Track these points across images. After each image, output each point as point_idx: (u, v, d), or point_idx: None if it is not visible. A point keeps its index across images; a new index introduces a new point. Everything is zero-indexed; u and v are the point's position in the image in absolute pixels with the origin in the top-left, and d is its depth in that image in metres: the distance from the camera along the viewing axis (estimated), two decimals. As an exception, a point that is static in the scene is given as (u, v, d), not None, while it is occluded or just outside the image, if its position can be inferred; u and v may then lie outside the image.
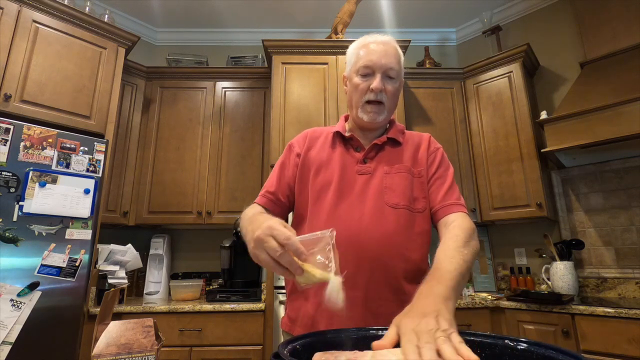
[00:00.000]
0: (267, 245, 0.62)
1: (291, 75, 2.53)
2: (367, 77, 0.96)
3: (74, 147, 1.92)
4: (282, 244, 0.61)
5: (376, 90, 0.94)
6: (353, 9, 2.69)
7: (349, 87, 1.02)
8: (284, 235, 0.62)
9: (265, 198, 1.02)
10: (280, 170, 1.05)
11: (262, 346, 2.07)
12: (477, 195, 2.60)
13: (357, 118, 1.00)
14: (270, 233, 0.63)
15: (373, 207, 0.90)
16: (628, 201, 2.27)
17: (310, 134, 1.08)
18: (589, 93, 2.16)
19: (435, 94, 2.79)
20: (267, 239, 0.63)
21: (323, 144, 1.03)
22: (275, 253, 0.61)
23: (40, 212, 1.75)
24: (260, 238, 0.64)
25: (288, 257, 0.61)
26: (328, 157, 1.00)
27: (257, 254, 0.66)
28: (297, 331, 0.91)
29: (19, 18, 1.99)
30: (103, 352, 0.68)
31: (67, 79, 2.12)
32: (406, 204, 0.92)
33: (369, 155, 0.98)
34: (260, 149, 2.70)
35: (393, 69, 0.96)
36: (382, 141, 0.98)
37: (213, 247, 2.77)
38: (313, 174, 0.99)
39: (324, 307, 0.85)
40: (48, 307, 1.71)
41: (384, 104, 0.96)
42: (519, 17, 2.97)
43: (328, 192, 0.94)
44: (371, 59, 0.95)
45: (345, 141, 1.02)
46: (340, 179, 0.95)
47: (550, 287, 2.29)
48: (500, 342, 0.51)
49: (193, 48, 3.23)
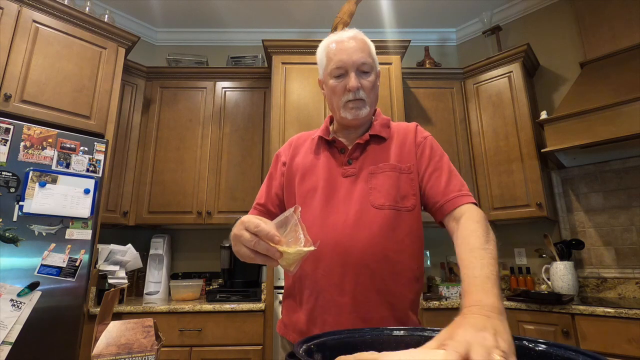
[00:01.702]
0: (243, 239, 0.66)
1: (291, 75, 2.53)
2: (341, 78, 0.94)
3: (74, 147, 1.92)
4: (254, 232, 0.64)
5: (353, 89, 0.92)
6: (353, 9, 2.69)
7: (327, 91, 1.00)
8: (254, 224, 0.65)
9: (256, 210, 1.03)
10: (268, 181, 1.07)
11: (262, 346, 2.07)
12: (477, 195, 2.60)
13: (340, 119, 0.98)
14: (243, 227, 0.66)
15: (358, 210, 0.88)
16: (628, 201, 2.27)
17: (295, 141, 1.08)
18: (589, 93, 2.16)
19: (435, 94, 2.79)
20: (241, 233, 0.66)
21: (308, 149, 1.03)
22: (251, 243, 0.64)
23: (40, 212, 1.75)
24: (235, 234, 0.68)
25: (263, 245, 0.64)
26: (312, 163, 0.99)
27: (237, 250, 0.70)
28: (291, 336, 0.91)
29: (19, 18, 1.99)
30: (103, 352, 0.68)
31: (67, 79, 2.12)
32: (392, 203, 0.88)
33: (353, 156, 0.96)
34: (260, 149, 2.70)
35: (365, 63, 0.93)
36: (364, 140, 0.96)
37: (213, 247, 2.77)
38: (298, 180, 0.98)
39: (316, 315, 0.86)
40: (48, 307, 1.71)
41: (364, 99, 0.94)
42: (519, 17, 2.97)
43: (314, 198, 0.93)
44: (341, 59, 0.93)
45: (329, 144, 1.00)
46: (326, 183, 0.93)
47: (550, 287, 2.29)
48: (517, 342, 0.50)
49: (193, 48, 3.23)
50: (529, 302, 2.01)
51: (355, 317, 0.83)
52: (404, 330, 0.60)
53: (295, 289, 0.93)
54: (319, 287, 0.86)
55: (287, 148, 1.07)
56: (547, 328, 1.92)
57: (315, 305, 0.86)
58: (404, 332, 0.60)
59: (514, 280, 2.52)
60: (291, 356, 0.44)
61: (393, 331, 0.60)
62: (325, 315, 0.85)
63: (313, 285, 0.87)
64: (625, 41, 2.25)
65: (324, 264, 0.86)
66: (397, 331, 0.60)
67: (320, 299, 0.86)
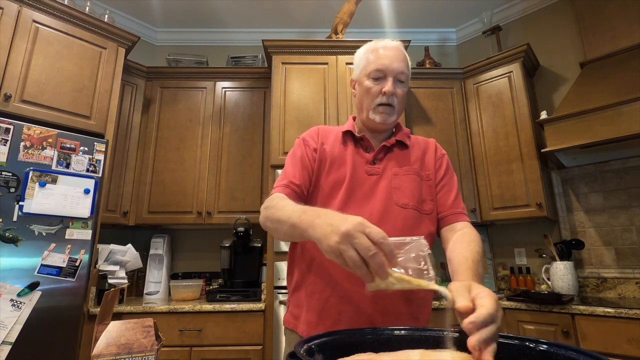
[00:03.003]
0: (359, 242, 0.57)
1: (291, 75, 2.53)
2: (378, 81, 0.98)
3: (74, 147, 1.92)
4: (377, 242, 0.57)
5: (388, 93, 0.96)
6: (353, 9, 2.69)
7: (359, 90, 1.03)
8: (380, 235, 0.58)
9: (290, 189, 0.94)
10: (301, 163, 1.00)
11: (262, 346, 2.07)
12: (477, 195, 2.60)
13: (367, 120, 1.01)
14: (363, 230, 0.58)
15: (382, 206, 0.91)
16: (628, 201, 2.27)
17: (322, 130, 1.07)
18: (589, 93, 2.16)
19: (435, 94, 2.79)
20: (358, 236, 0.58)
21: (334, 141, 1.03)
22: (368, 252, 0.56)
23: (40, 212, 1.75)
24: (351, 234, 0.58)
25: (379, 259, 0.56)
26: (340, 154, 1.00)
27: (343, 249, 0.59)
28: (301, 329, 0.91)
29: (19, 18, 1.99)
30: (103, 352, 0.68)
31: (67, 79, 2.12)
32: (415, 204, 0.93)
33: (378, 157, 0.99)
34: (260, 149, 2.70)
35: (404, 73, 0.99)
36: (390, 143, 1.00)
37: (213, 247, 2.77)
38: (327, 169, 0.98)
39: (332, 304, 0.86)
40: (48, 307, 1.71)
41: (394, 106, 0.98)
42: (519, 17, 2.97)
43: (339, 190, 0.94)
44: (383, 63, 0.97)
45: (355, 141, 1.02)
46: (352, 177, 0.95)
47: (550, 287, 2.29)
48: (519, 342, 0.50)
49: (193, 48, 3.23)
50: (529, 302, 2.01)
51: (374, 309, 0.84)
52: (405, 330, 0.60)
53: (306, 281, 0.93)
54: (336, 278, 0.87)
55: (315, 135, 1.05)
56: (547, 328, 1.92)
57: (331, 295, 0.87)
58: (404, 332, 0.60)
59: (514, 280, 2.52)
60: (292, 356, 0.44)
61: (394, 331, 0.60)
62: (342, 305, 0.85)
63: (329, 276, 0.88)
64: (625, 41, 2.25)
65: None
66: (397, 331, 0.60)
67: (338, 289, 0.86)
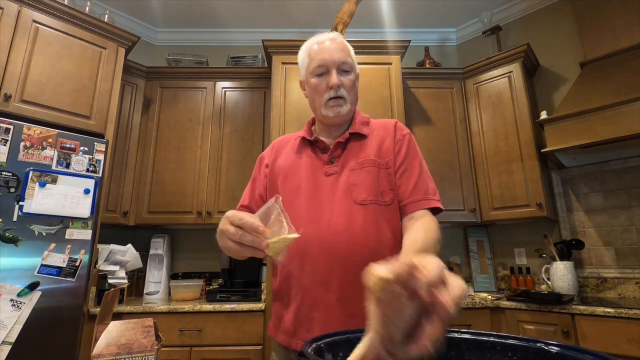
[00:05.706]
0: (228, 233, 0.66)
1: (291, 75, 2.53)
2: (323, 76, 0.98)
3: (74, 147, 1.92)
4: (238, 225, 0.65)
5: (335, 86, 0.95)
6: (353, 9, 2.68)
7: (308, 90, 1.03)
8: (237, 218, 0.65)
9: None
10: (252, 183, 1.08)
11: (262, 346, 2.07)
12: (477, 195, 2.60)
13: (322, 117, 1.01)
14: (227, 221, 0.67)
15: (341, 206, 0.90)
16: (628, 201, 2.27)
17: (277, 143, 1.11)
18: (589, 93, 2.16)
19: (435, 94, 2.79)
20: (226, 227, 0.67)
21: (290, 151, 1.05)
22: (236, 236, 0.65)
23: (40, 212, 1.75)
24: (221, 229, 0.70)
25: (248, 236, 0.64)
26: (294, 163, 1.01)
27: (223, 245, 0.71)
28: (280, 337, 0.91)
29: (19, 18, 1.99)
30: (103, 352, 0.68)
31: (67, 79, 2.12)
32: (373, 198, 0.91)
33: (334, 155, 0.98)
34: (260, 149, 2.70)
35: (346, 62, 0.98)
36: (345, 138, 0.99)
37: (213, 247, 2.77)
38: (281, 181, 1.00)
39: (302, 313, 0.87)
40: (48, 307, 1.71)
41: (345, 97, 0.98)
42: (519, 17, 2.97)
43: (297, 197, 0.94)
44: (323, 57, 0.97)
45: (311, 144, 1.02)
46: (309, 182, 0.95)
47: (550, 287, 2.29)
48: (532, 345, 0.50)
49: (193, 48, 3.23)
50: (529, 302, 2.01)
51: (342, 313, 0.84)
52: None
53: (282, 290, 0.94)
54: (305, 286, 0.87)
55: (270, 151, 1.10)
56: (547, 328, 1.92)
57: (301, 303, 0.87)
58: None
59: (514, 280, 2.52)
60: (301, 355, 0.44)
61: None
62: (312, 312, 0.86)
63: (299, 285, 0.88)
64: (625, 41, 2.25)
65: (310, 263, 0.87)
66: None
67: (306, 297, 0.87)
